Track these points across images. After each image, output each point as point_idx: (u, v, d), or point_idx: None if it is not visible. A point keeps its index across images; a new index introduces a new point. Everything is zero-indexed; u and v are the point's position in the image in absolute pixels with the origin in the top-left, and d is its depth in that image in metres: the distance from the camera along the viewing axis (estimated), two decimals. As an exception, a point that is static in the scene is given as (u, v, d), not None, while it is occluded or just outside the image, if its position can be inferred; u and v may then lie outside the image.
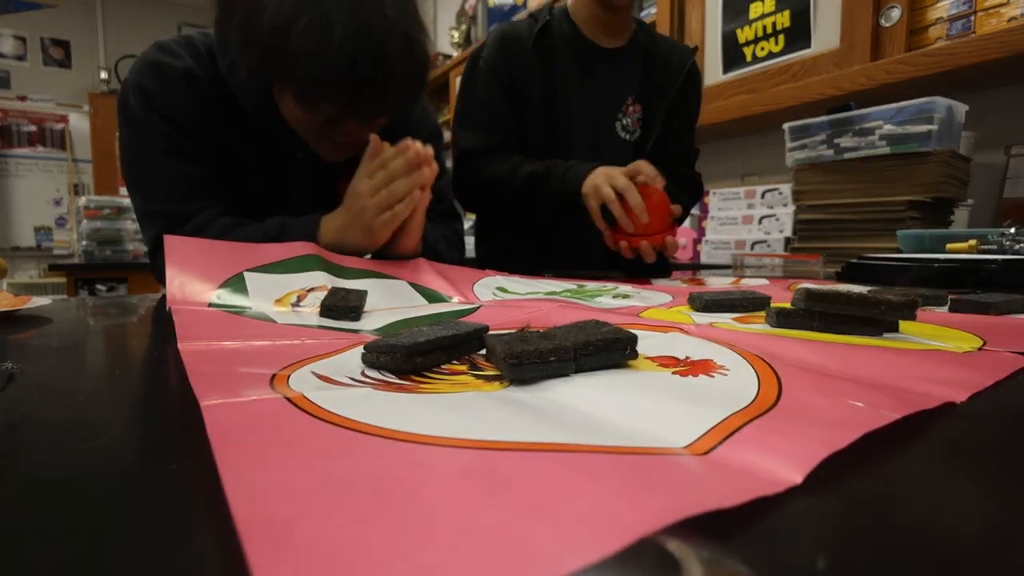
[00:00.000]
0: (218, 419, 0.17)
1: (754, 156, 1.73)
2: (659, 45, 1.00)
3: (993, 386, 0.23)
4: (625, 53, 0.97)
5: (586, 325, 0.27)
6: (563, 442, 0.16)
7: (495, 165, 0.92)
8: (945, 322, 0.37)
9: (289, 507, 0.12)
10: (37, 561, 0.11)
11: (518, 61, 0.93)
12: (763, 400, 0.20)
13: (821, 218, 1.14)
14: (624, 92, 0.97)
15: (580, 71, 0.94)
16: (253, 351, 0.28)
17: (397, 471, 0.14)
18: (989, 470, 0.16)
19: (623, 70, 0.97)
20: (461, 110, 0.99)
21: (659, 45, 1.00)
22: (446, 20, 3.74)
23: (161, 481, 0.14)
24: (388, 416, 0.18)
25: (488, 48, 0.95)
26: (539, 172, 0.86)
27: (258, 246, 0.53)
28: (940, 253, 0.70)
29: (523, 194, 0.88)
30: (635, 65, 0.98)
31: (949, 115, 0.99)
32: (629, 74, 0.97)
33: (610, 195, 0.75)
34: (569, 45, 0.94)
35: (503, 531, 0.11)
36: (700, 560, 0.11)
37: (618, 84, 0.97)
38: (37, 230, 4.54)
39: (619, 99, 0.97)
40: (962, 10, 1.17)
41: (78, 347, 0.34)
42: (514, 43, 0.93)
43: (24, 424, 0.19)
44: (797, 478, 0.14)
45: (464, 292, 0.55)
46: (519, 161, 0.90)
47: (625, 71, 0.97)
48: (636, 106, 0.98)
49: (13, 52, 4.37)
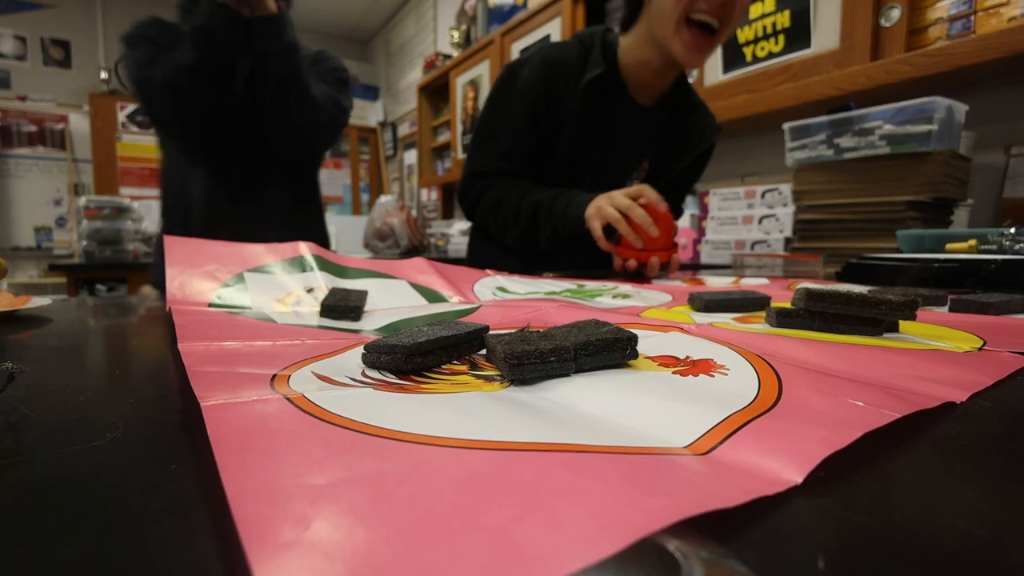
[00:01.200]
0: (218, 419, 0.17)
1: (754, 156, 1.73)
2: (690, 107, 0.98)
3: (993, 386, 0.23)
4: (656, 111, 0.96)
5: (586, 325, 0.27)
6: (563, 442, 0.16)
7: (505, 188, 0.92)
8: (945, 322, 0.37)
9: (289, 508, 0.12)
10: (37, 561, 0.11)
11: (557, 94, 0.90)
12: (763, 400, 0.20)
13: (821, 218, 1.14)
14: (643, 153, 0.98)
15: (613, 126, 0.93)
16: (253, 351, 0.28)
17: (397, 471, 0.14)
18: (989, 470, 0.16)
19: (649, 130, 0.96)
20: (487, 123, 0.95)
21: (690, 107, 0.98)
22: (446, 20, 3.74)
23: (161, 481, 0.14)
24: (388, 416, 0.18)
25: (530, 69, 0.91)
26: (543, 201, 0.87)
27: (259, 246, 0.53)
28: (940, 253, 0.70)
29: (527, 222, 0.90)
30: (661, 122, 0.97)
31: (949, 115, 0.99)
32: (652, 132, 0.97)
33: (615, 215, 0.76)
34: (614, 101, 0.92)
35: (503, 531, 0.11)
36: (700, 560, 0.11)
37: (641, 145, 0.97)
38: (37, 230, 4.54)
39: (637, 159, 0.98)
40: (962, 10, 1.17)
41: (78, 347, 0.34)
42: (558, 75, 0.90)
43: (24, 424, 0.19)
44: (797, 478, 0.14)
45: (464, 292, 0.55)
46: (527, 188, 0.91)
47: (651, 131, 0.96)
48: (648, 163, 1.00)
49: (13, 52, 4.36)
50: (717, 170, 1.79)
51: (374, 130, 4.77)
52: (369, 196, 4.81)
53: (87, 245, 2.24)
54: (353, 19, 4.67)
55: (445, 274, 0.59)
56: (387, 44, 4.78)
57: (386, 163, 4.77)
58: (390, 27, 4.70)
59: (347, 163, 4.69)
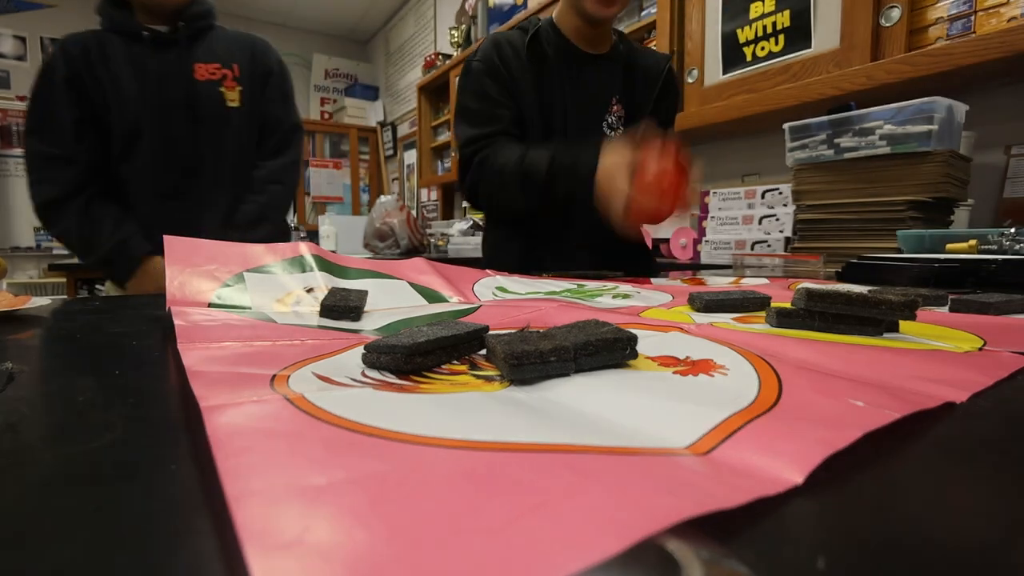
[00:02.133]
0: (218, 420, 0.17)
1: (754, 156, 1.73)
2: (637, 53, 1.09)
3: (993, 386, 0.23)
4: (607, 59, 1.04)
5: (586, 325, 0.27)
6: (563, 443, 0.16)
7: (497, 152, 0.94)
8: (945, 322, 0.37)
9: (289, 508, 0.12)
10: (37, 561, 0.11)
11: (513, 64, 0.98)
12: (764, 400, 0.20)
13: (821, 218, 1.14)
14: (608, 93, 1.04)
15: (570, 74, 1.01)
16: (253, 351, 0.28)
17: (397, 472, 0.14)
18: (989, 470, 0.16)
19: (607, 74, 1.04)
20: (458, 108, 1.02)
21: (637, 53, 1.09)
22: (446, 20, 3.74)
23: (161, 481, 0.14)
24: (388, 416, 0.18)
25: (482, 51, 0.99)
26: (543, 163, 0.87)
27: (259, 246, 0.53)
28: (940, 253, 0.70)
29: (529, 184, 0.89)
30: (617, 70, 1.05)
31: (949, 115, 0.99)
32: (612, 78, 1.05)
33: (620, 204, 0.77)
34: (559, 51, 1.01)
35: (504, 532, 0.11)
36: (700, 560, 0.10)
37: (603, 86, 1.04)
38: (37, 230, 4.54)
39: (605, 99, 1.04)
40: (962, 10, 1.17)
41: (78, 347, 0.34)
42: (507, 47, 0.98)
43: (24, 424, 0.19)
44: (798, 478, 0.14)
45: (464, 292, 0.55)
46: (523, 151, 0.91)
47: (608, 75, 1.04)
48: (619, 106, 1.05)
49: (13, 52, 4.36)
50: (717, 170, 1.79)
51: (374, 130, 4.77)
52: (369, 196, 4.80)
53: (87, 245, 2.23)
54: (353, 19, 4.67)
55: (445, 274, 0.59)
56: (387, 44, 4.78)
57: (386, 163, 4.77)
58: (390, 27, 4.70)
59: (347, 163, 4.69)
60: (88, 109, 1.01)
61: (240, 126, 1.10)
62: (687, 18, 1.73)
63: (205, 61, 1.07)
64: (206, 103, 1.07)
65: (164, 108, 1.04)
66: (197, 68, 1.06)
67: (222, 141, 1.09)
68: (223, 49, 1.10)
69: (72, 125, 1.01)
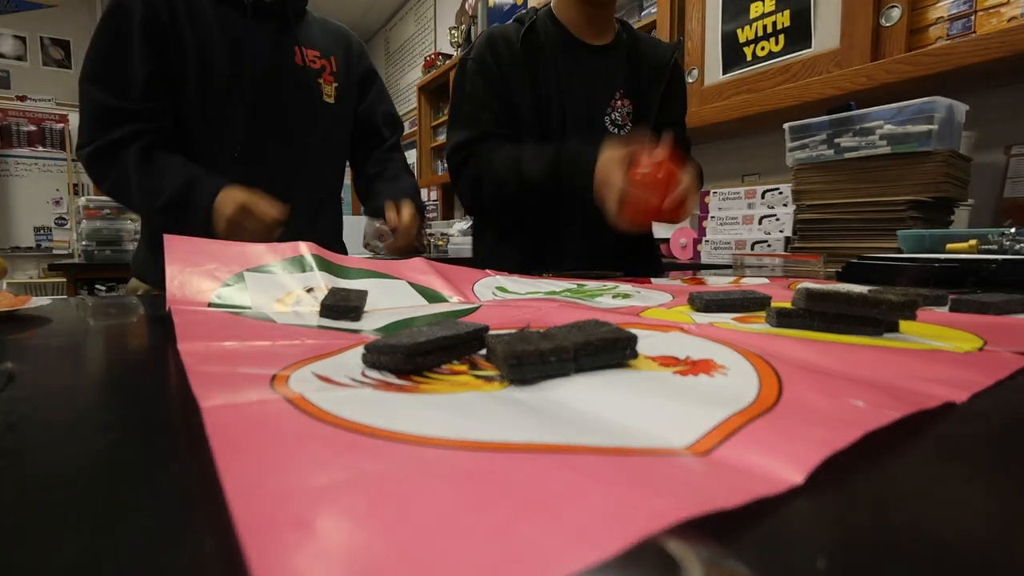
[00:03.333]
0: (218, 420, 0.17)
1: (754, 156, 1.73)
2: (642, 42, 1.02)
3: (993, 386, 0.23)
4: (610, 50, 0.99)
5: (586, 325, 0.27)
6: (564, 443, 0.16)
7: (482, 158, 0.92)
8: (945, 322, 0.37)
9: (289, 508, 0.12)
10: (37, 561, 0.11)
11: (507, 59, 0.94)
12: (764, 400, 0.20)
13: (821, 218, 1.14)
14: (612, 87, 0.99)
15: (568, 67, 0.96)
16: (253, 351, 0.28)
17: (397, 472, 0.14)
18: (989, 470, 0.16)
19: (609, 66, 0.99)
20: (450, 111, 1.01)
21: (642, 42, 1.02)
22: (446, 20, 3.74)
23: (161, 481, 0.14)
24: (388, 416, 0.18)
25: (476, 48, 0.96)
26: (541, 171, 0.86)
27: (259, 246, 0.53)
28: (940, 253, 0.70)
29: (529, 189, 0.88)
30: (621, 61, 1.00)
31: (949, 115, 0.99)
32: (616, 69, 0.99)
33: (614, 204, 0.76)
34: (556, 43, 0.96)
35: (504, 532, 0.11)
36: (700, 560, 0.10)
37: (605, 79, 0.98)
38: (37, 230, 4.54)
39: (607, 93, 0.98)
40: (962, 10, 1.17)
41: (78, 347, 0.34)
42: (501, 43, 0.95)
43: (24, 424, 0.19)
44: (798, 478, 0.14)
45: (464, 292, 0.55)
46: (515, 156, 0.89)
47: (611, 67, 0.99)
48: (625, 101, 0.99)
49: (13, 52, 4.37)
50: (717, 170, 1.79)
51: (374, 130, 4.77)
52: (369, 196, 4.80)
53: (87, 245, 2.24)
54: (353, 19, 4.67)
55: (445, 274, 0.59)
56: (387, 44, 4.78)
57: (386, 163, 4.77)
58: (390, 27, 4.70)
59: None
60: (161, 65, 0.84)
61: (330, 125, 1.00)
62: (687, 18, 1.73)
63: (307, 46, 0.95)
64: (305, 92, 0.94)
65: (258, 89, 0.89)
66: (299, 52, 0.93)
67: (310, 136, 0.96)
68: (322, 38, 0.99)
69: (143, 80, 0.83)
